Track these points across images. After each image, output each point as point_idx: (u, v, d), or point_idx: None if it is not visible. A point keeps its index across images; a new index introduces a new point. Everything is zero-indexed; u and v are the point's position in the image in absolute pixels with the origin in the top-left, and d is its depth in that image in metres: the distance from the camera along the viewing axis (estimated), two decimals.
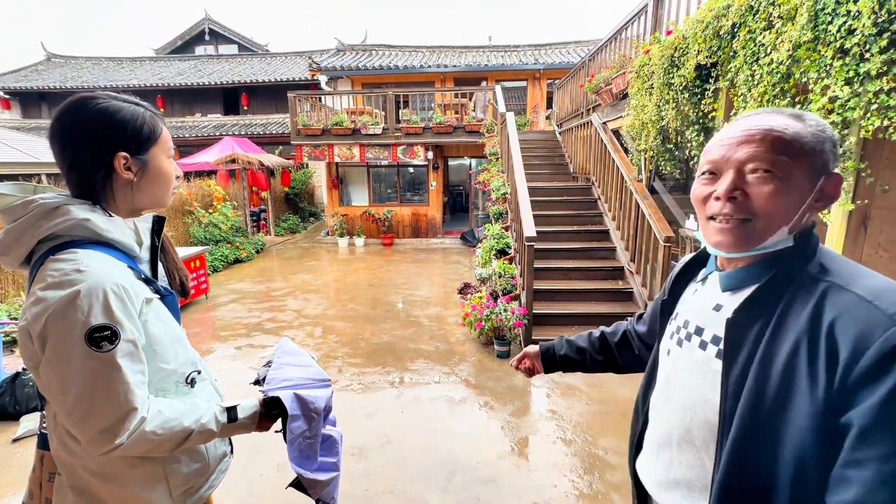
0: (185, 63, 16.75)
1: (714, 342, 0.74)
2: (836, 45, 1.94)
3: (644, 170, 4.89)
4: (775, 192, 0.67)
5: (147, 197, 0.93)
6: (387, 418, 3.18)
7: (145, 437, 0.82)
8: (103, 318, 0.78)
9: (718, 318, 0.74)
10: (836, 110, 1.97)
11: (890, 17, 1.71)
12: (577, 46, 13.61)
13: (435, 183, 10.71)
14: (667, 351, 0.85)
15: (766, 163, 0.67)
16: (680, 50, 3.28)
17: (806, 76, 2.11)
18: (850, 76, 1.89)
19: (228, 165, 9.96)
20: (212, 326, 5.18)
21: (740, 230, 0.70)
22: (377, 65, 12.39)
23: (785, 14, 2.20)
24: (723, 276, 0.76)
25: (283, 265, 8.41)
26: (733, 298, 0.74)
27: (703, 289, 0.82)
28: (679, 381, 0.80)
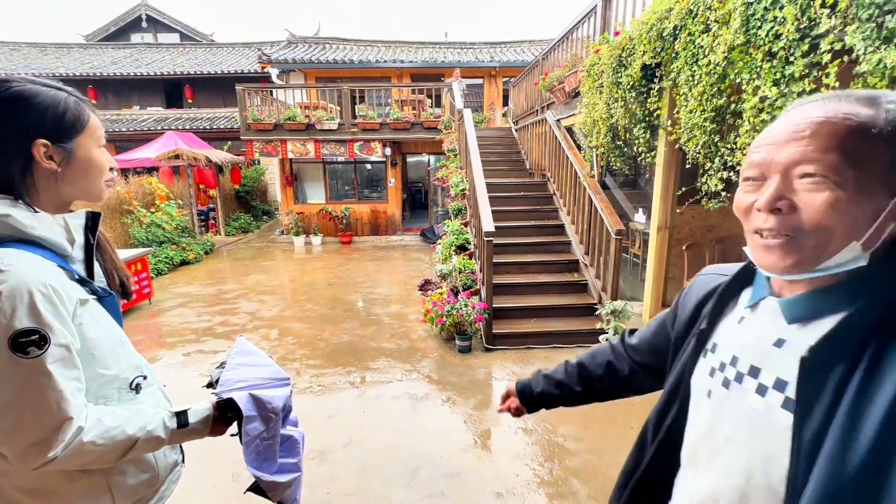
0: (119, 51, 15.57)
1: (778, 387, 0.58)
2: (765, 49, 2.09)
3: (596, 166, 5.08)
4: (831, 201, 0.52)
5: (75, 189, 0.86)
6: (348, 419, 3.12)
7: (83, 448, 0.76)
8: (29, 321, 0.72)
9: (783, 358, 0.58)
10: (766, 109, 2.13)
11: (810, 23, 1.86)
12: (530, 45, 13.90)
13: (394, 180, 10.60)
14: (706, 392, 0.68)
15: (817, 165, 0.53)
16: (627, 50, 3.42)
17: (739, 77, 2.27)
18: (778, 78, 2.04)
19: (172, 162, 9.37)
20: (157, 333, 4.87)
21: (791, 247, 0.56)
22: (331, 58, 12.07)
23: (720, 18, 2.35)
24: (786, 304, 0.60)
25: (234, 266, 8.04)
26: (804, 332, 0.58)
27: (755, 317, 0.65)
28: (729, 433, 0.63)
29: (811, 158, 0.53)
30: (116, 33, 17.14)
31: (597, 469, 2.58)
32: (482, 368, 3.86)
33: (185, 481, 1.09)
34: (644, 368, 0.96)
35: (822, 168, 0.53)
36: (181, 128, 12.31)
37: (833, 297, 0.57)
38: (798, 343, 0.57)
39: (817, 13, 1.81)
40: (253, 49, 15.01)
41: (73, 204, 0.91)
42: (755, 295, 0.66)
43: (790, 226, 0.56)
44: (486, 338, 4.25)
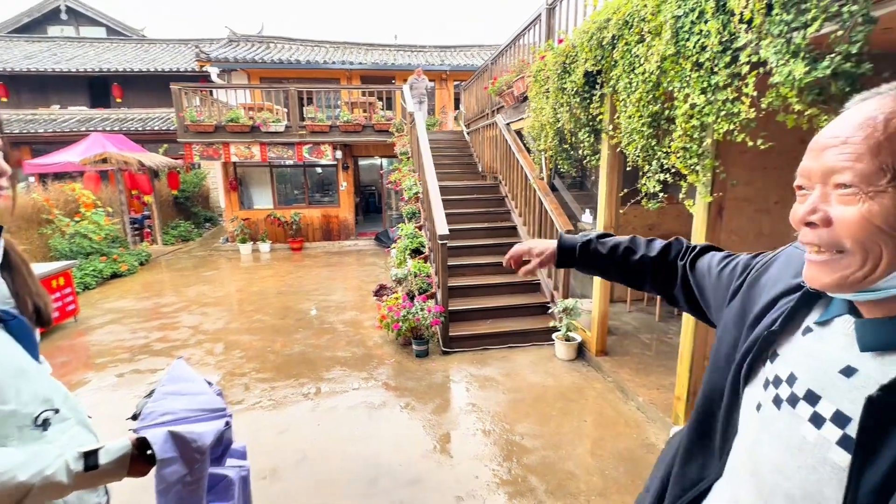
0: (34, 45, 14.16)
1: (837, 422, 0.50)
2: (693, 59, 2.24)
3: (545, 168, 5.24)
4: (864, 214, 0.47)
5: None
6: (302, 433, 3.00)
7: None
8: None
9: (849, 388, 0.51)
10: (695, 115, 2.28)
11: (731, 37, 2.02)
12: (480, 50, 14.15)
13: (345, 183, 10.38)
14: (755, 403, 0.61)
15: (850, 173, 0.48)
16: (570, 57, 3.55)
17: (672, 85, 2.42)
18: (705, 86, 2.20)
19: (99, 166, 8.63)
20: (84, 353, 4.45)
21: (834, 265, 0.51)
22: (276, 58, 11.64)
23: (653, 30, 2.49)
24: (862, 327, 0.52)
25: (174, 277, 7.52)
26: (879, 365, 0.50)
27: (824, 335, 0.57)
28: (773, 457, 0.56)
29: (843, 167, 0.48)
30: (30, 25, 15.58)
31: (553, 464, 2.64)
32: (440, 372, 3.85)
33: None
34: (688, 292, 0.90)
35: (854, 177, 0.48)
36: (109, 129, 11.37)
37: None
38: (872, 376, 0.49)
39: (736, 28, 1.97)
40: (190, 46, 14.18)
41: None
42: (831, 310, 0.58)
43: (827, 241, 0.51)
44: (443, 341, 4.25)
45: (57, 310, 4.91)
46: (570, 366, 3.94)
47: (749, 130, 2.05)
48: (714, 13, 2.07)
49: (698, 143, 2.36)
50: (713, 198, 2.46)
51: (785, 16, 1.73)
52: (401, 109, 9.33)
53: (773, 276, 0.70)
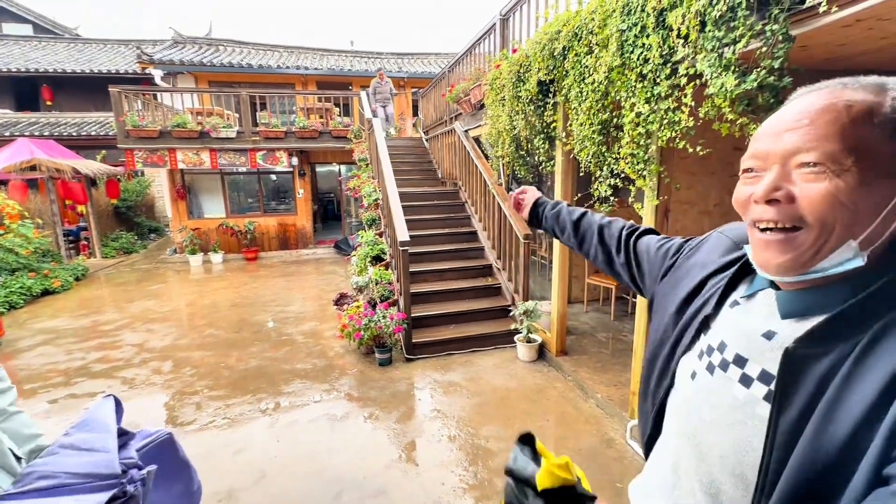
0: None
1: (763, 380, 0.56)
2: (637, 71, 2.37)
3: (503, 174, 5.35)
4: (830, 191, 0.51)
5: None
6: (260, 450, 2.86)
7: None
8: None
9: (770, 350, 0.57)
10: (641, 123, 2.41)
11: (670, 51, 2.16)
12: (437, 58, 14.29)
13: (302, 191, 10.12)
14: (690, 373, 0.67)
15: (816, 153, 0.51)
16: (524, 67, 3.66)
17: (619, 95, 2.54)
18: (649, 96, 2.33)
19: (26, 174, 7.93)
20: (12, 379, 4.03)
21: (789, 243, 0.54)
22: (226, 62, 11.21)
23: (601, 42, 2.62)
24: (783, 298, 0.58)
25: (115, 293, 7.02)
26: (796, 327, 0.56)
27: (750, 306, 0.63)
28: (707, 418, 0.62)
29: (809, 147, 0.52)
30: None
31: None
32: (404, 380, 3.82)
33: None
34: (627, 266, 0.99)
35: (821, 156, 0.51)
36: (38, 134, 10.48)
37: (828, 295, 0.54)
38: (787, 335, 0.56)
39: (675, 42, 2.11)
40: (130, 47, 13.39)
41: None
42: (755, 285, 0.64)
43: (789, 216, 0.54)
44: (406, 348, 4.22)
45: None
46: (532, 367, 4.01)
47: (689, 138, 2.19)
48: (654, 28, 2.21)
49: (644, 150, 2.50)
50: (659, 201, 2.60)
51: (717, 32, 1.87)
52: (359, 116, 9.23)
53: (700, 260, 0.77)
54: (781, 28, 1.68)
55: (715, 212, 4.44)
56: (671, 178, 2.58)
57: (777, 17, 1.68)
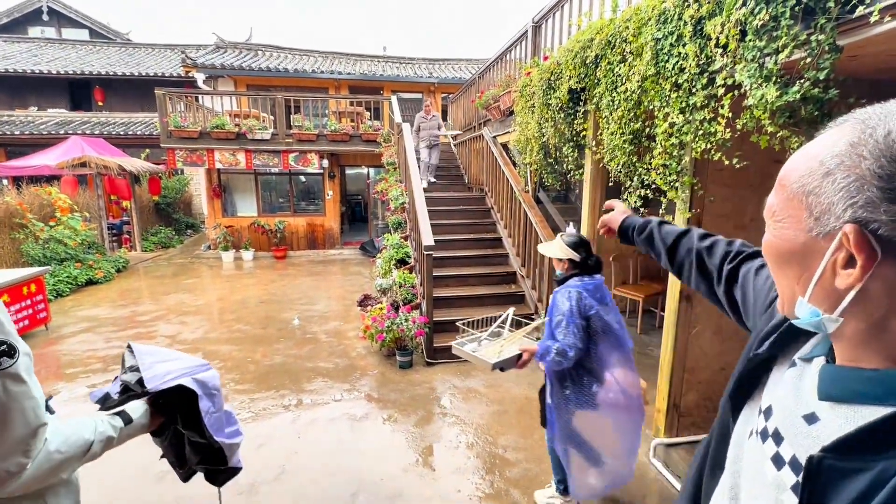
0: (14, 45, 13.85)
1: (793, 467, 0.48)
2: (672, 80, 2.32)
3: (530, 181, 5.31)
4: (769, 244, 0.50)
5: None
6: (281, 445, 2.93)
7: (50, 457, 0.79)
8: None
9: (806, 437, 0.48)
10: (674, 134, 2.35)
11: (708, 60, 2.10)
12: (468, 63, 14.36)
13: (332, 192, 10.34)
14: (749, 430, 0.58)
15: (769, 209, 0.51)
16: (555, 74, 3.64)
17: (652, 104, 2.49)
18: (683, 106, 2.27)
19: (77, 170, 8.42)
20: (55, 363, 4.29)
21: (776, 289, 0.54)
22: (264, 66, 11.61)
23: (634, 50, 2.57)
24: (825, 373, 0.49)
25: (152, 285, 7.34)
26: (832, 416, 0.46)
27: (803, 374, 0.54)
28: (746, 486, 0.55)
29: (769, 201, 0.51)
30: (10, 25, 15.25)
31: (536, 477, 2.64)
32: (424, 384, 3.83)
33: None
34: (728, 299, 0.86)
35: (768, 212, 0.50)
36: (90, 132, 11.13)
37: (879, 383, 0.44)
38: (828, 428, 0.46)
39: (713, 52, 2.05)
40: (176, 51, 14.05)
41: None
42: (817, 348, 0.54)
43: None
44: (427, 352, 4.23)
45: (27, 318, 4.74)
46: None
47: (725, 149, 2.12)
48: (692, 37, 2.16)
49: (677, 161, 2.43)
50: (692, 214, 2.53)
51: (758, 42, 1.81)
52: (389, 120, 9.37)
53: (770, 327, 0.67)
54: (828, 38, 1.60)
55: (751, 226, 4.25)
56: (705, 190, 2.50)
57: (824, 26, 1.61)
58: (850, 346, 0.47)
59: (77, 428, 0.86)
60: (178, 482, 1.34)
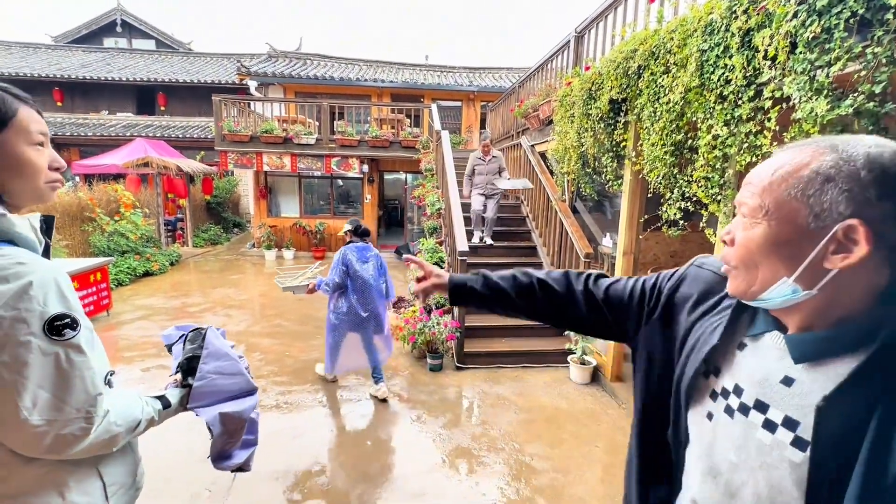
0: (91, 55, 15.16)
1: (788, 426, 0.58)
2: (717, 92, 2.28)
3: (567, 191, 5.28)
4: (750, 237, 0.60)
5: (14, 189, 0.83)
6: (315, 437, 3.06)
7: (110, 428, 0.84)
8: (61, 306, 0.78)
9: (791, 397, 0.59)
10: (717, 146, 2.31)
11: (755, 72, 2.06)
12: (508, 72, 14.40)
13: (370, 196, 10.62)
14: (705, 413, 0.69)
15: (746, 207, 0.61)
16: (596, 84, 3.63)
17: (695, 116, 2.46)
18: (728, 118, 2.23)
19: (140, 169, 9.11)
20: (114, 346, 4.65)
21: (733, 275, 0.64)
22: (311, 74, 12.14)
23: (679, 62, 2.55)
24: (793, 342, 0.60)
25: (201, 278, 7.80)
26: (813, 374, 0.58)
27: (759, 349, 0.65)
28: (734, 460, 0.64)
29: (743, 202, 0.62)
30: (88, 36, 16.71)
31: (563, 488, 2.62)
32: (453, 387, 3.87)
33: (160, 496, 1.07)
34: (599, 315, 0.92)
35: (747, 210, 0.61)
36: (152, 135, 12.01)
37: (841, 340, 0.57)
38: (808, 385, 0.58)
39: (760, 64, 2.01)
40: (232, 60, 14.92)
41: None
42: (758, 325, 0.66)
43: (727, 256, 0.64)
44: (458, 356, 4.28)
45: (92, 304, 5.17)
46: (585, 389, 3.90)
47: None
48: (739, 48, 2.12)
49: (720, 174, 2.38)
50: None
51: (809, 54, 1.76)
52: (428, 127, 9.55)
53: (684, 295, 0.79)
54: (885, 51, 1.55)
55: None
56: None
57: (881, 38, 1.56)
58: (806, 316, 0.60)
59: (130, 405, 0.91)
60: None
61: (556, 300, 0.95)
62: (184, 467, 2.64)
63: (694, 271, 0.81)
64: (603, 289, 0.92)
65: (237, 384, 1.14)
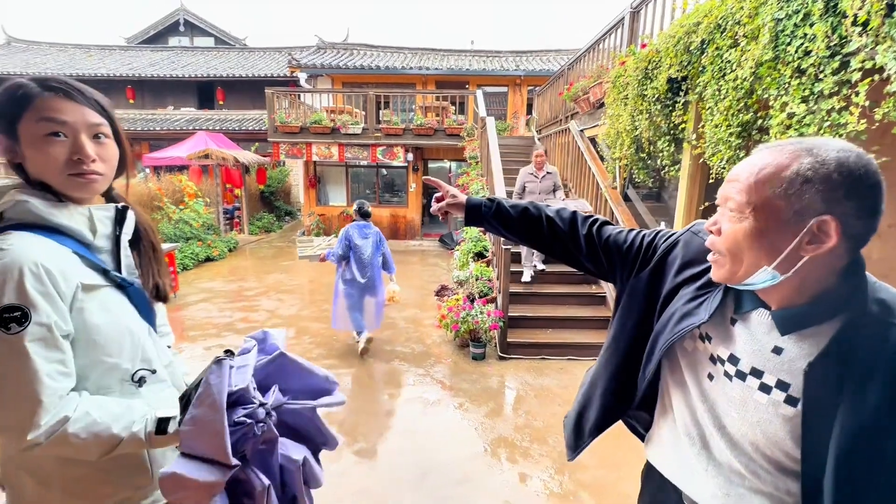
0: (157, 54, 16.23)
1: (780, 387, 0.71)
2: (793, 65, 2.06)
3: (619, 177, 5.03)
4: (735, 230, 0.69)
5: (46, 178, 0.83)
6: (360, 419, 3.16)
7: (66, 439, 0.75)
8: (14, 297, 0.72)
9: (782, 363, 0.71)
10: (793, 126, 2.09)
11: (841, 41, 1.83)
12: (556, 55, 13.89)
13: (415, 184, 10.71)
14: (706, 373, 0.81)
15: (732, 202, 0.69)
16: (653, 63, 3.40)
17: (767, 93, 2.23)
18: (806, 94, 2.01)
19: (201, 161, 9.70)
20: (180, 326, 5.03)
21: (718, 263, 0.74)
22: (358, 64, 12.32)
23: (749, 33, 2.32)
24: (780, 318, 0.71)
25: (256, 264, 8.24)
26: (798, 342, 0.70)
27: (749, 325, 0.76)
28: (735, 415, 0.77)
29: (729, 196, 0.70)
30: (155, 37, 17.86)
31: (609, 484, 2.55)
32: (496, 377, 3.86)
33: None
34: (596, 257, 1.02)
35: (734, 205, 0.69)
36: (212, 128, 12.72)
37: (815, 312, 0.69)
38: (795, 352, 0.70)
39: (848, 31, 1.78)
40: (283, 53, 15.44)
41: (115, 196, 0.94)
42: (745, 304, 0.77)
43: (715, 244, 0.73)
44: (501, 346, 4.25)
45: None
46: None
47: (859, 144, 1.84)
48: (822, 15, 1.89)
49: None
50: None
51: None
52: (472, 114, 9.44)
53: (675, 256, 0.89)
54: None
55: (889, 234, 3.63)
56: None
57: None
58: (785, 295, 0.71)
59: (111, 419, 0.79)
60: None
61: (559, 236, 1.05)
62: None
63: (688, 237, 0.89)
64: (605, 237, 1.01)
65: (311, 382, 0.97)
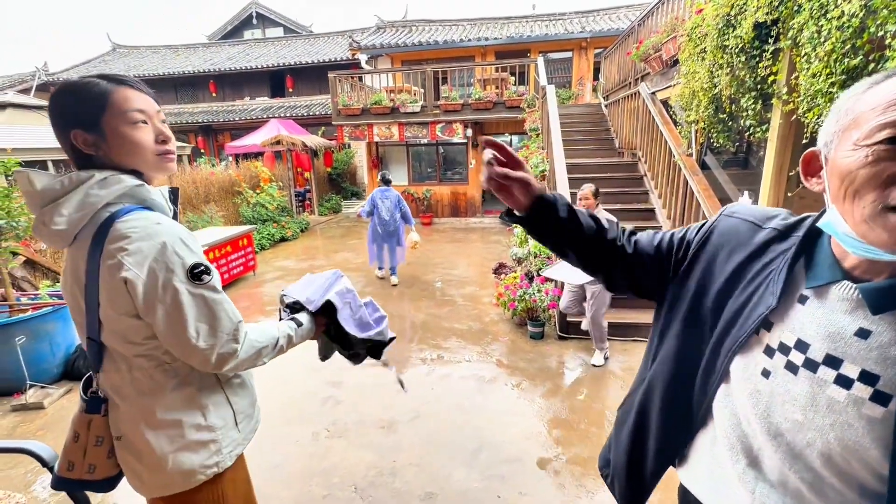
0: (234, 48, 17.34)
1: (865, 380, 0.55)
2: None
3: (695, 143, 4.55)
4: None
5: (133, 165, 0.96)
6: (417, 394, 3.25)
7: (252, 345, 1.01)
8: (194, 257, 0.93)
9: (869, 350, 0.55)
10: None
11: None
12: (627, 11, 12.73)
13: (474, 161, 10.56)
14: (760, 370, 0.65)
15: None
16: (737, 7, 2.96)
17: (883, 29, 1.84)
18: None
19: (274, 147, 10.32)
20: (259, 301, 5.49)
21: None
22: (416, 41, 12.22)
23: None
24: (871, 294, 0.55)
25: (325, 244, 8.70)
26: (888, 323, 0.54)
27: (826, 302, 0.59)
28: (799, 418, 0.60)
29: None
30: (232, 31, 19.07)
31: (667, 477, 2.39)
32: (554, 357, 3.76)
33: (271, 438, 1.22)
34: (631, 271, 0.85)
35: None
36: (283, 115, 13.45)
37: None
38: (889, 335, 0.54)
39: None
40: (345, 36, 15.75)
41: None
42: (821, 275, 0.60)
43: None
44: (560, 326, 4.11)
45: (241, 265, 6.13)
46: None
47: None
48: None
49: None
50: None
51: None
52: (534, 84, 9.01)
53: (716, 246, 0.73)
54: None
55: None
56: None
57: None
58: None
59: (266, 328, 1.08)
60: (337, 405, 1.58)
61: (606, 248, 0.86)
62: (307, 408, 3.03)
63: (724, 221, 0.76)
64: (637, 246, 0.86)
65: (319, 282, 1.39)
